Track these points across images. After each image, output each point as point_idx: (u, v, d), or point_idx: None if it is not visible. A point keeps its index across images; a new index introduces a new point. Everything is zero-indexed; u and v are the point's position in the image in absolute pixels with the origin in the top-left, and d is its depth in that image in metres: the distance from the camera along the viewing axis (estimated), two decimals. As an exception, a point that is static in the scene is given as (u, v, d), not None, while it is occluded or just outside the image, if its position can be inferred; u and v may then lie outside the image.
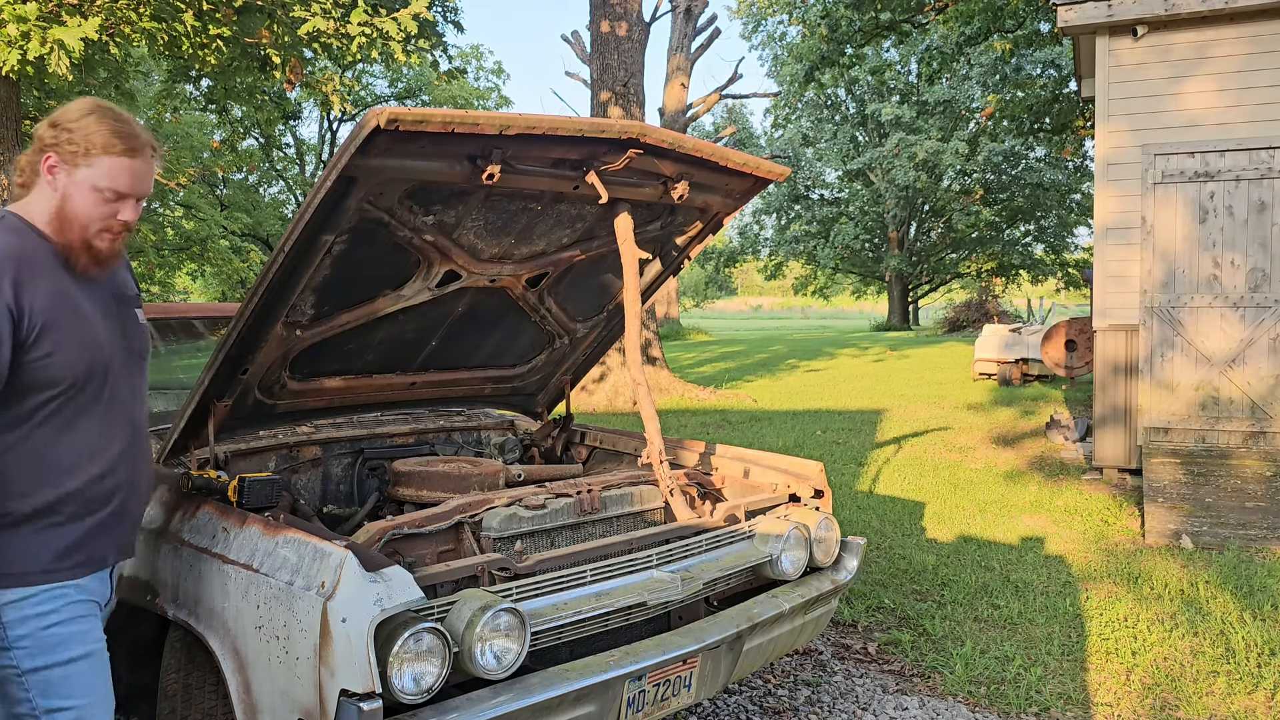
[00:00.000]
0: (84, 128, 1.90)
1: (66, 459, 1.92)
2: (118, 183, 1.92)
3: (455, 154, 2.41)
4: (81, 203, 1.91)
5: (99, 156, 1.90)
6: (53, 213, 1.92)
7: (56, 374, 1.87)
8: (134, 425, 2.07)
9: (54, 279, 1.90)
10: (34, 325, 1.83)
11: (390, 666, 2.01)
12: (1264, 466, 6.54)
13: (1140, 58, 7.16)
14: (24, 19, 5.98)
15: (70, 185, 1.91)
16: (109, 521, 2.00)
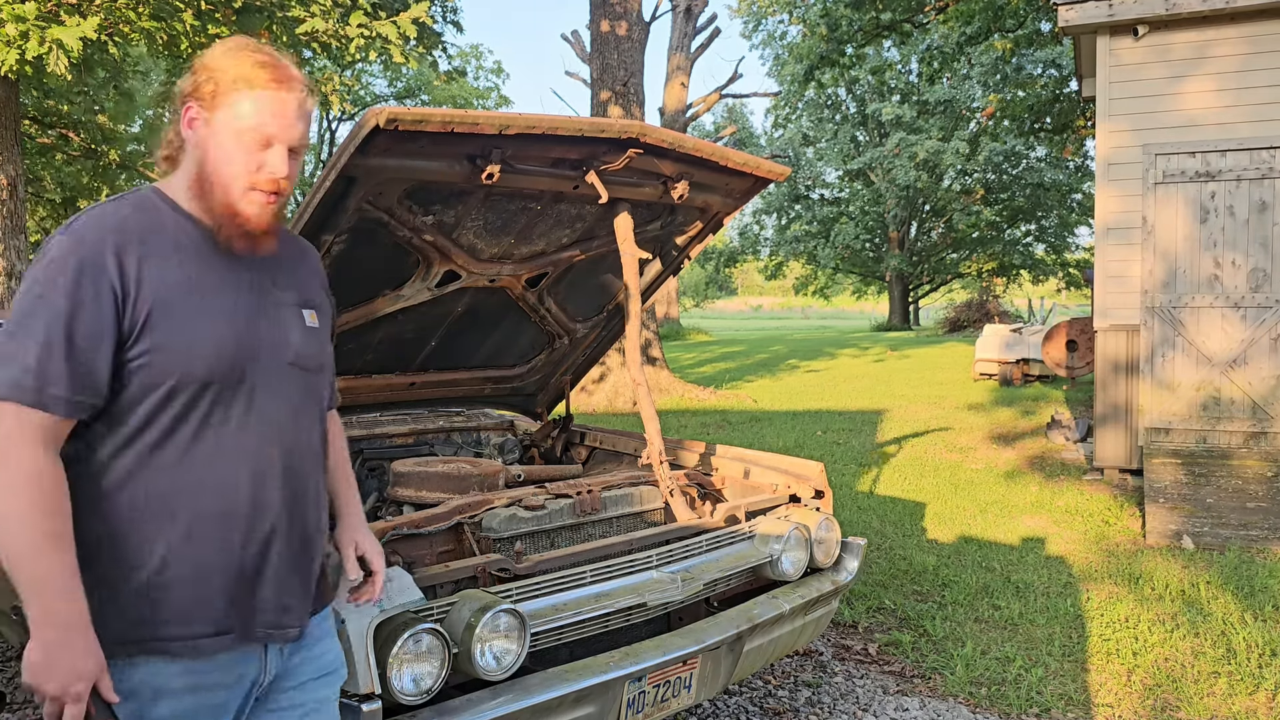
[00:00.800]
0: (220, 62, 1.53)
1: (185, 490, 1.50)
2: (261, 121, 1.51)
3: (455, 154, 2.40)
4: (221, 153, 1.52)
5: (238, 92, 1.51)
6: (193, 176, 1.55)
7: (158, 375, 1.46)
8: (287, 452, 1.60)
9: (182, 260, 1.52)
10: (141, 312, 1.46)
11: (390, 667, 2.00)
12: (1265, 467, 6.53)
13: (1141, 57, 7.16)
14: (23, 19, 5.97)
15: (209, 136, 1.52)
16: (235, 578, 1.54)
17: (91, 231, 1.47)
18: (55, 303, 1.41)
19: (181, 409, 1.49)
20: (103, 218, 1.50)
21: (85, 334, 1.42)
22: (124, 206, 1.54)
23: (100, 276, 1.44)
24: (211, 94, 1.52)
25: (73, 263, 1.43)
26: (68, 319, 1.41)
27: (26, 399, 1.39)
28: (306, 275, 1.76)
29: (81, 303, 1.42)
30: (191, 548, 1.49)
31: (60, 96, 13.25)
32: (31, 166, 14.68)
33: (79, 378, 1.42)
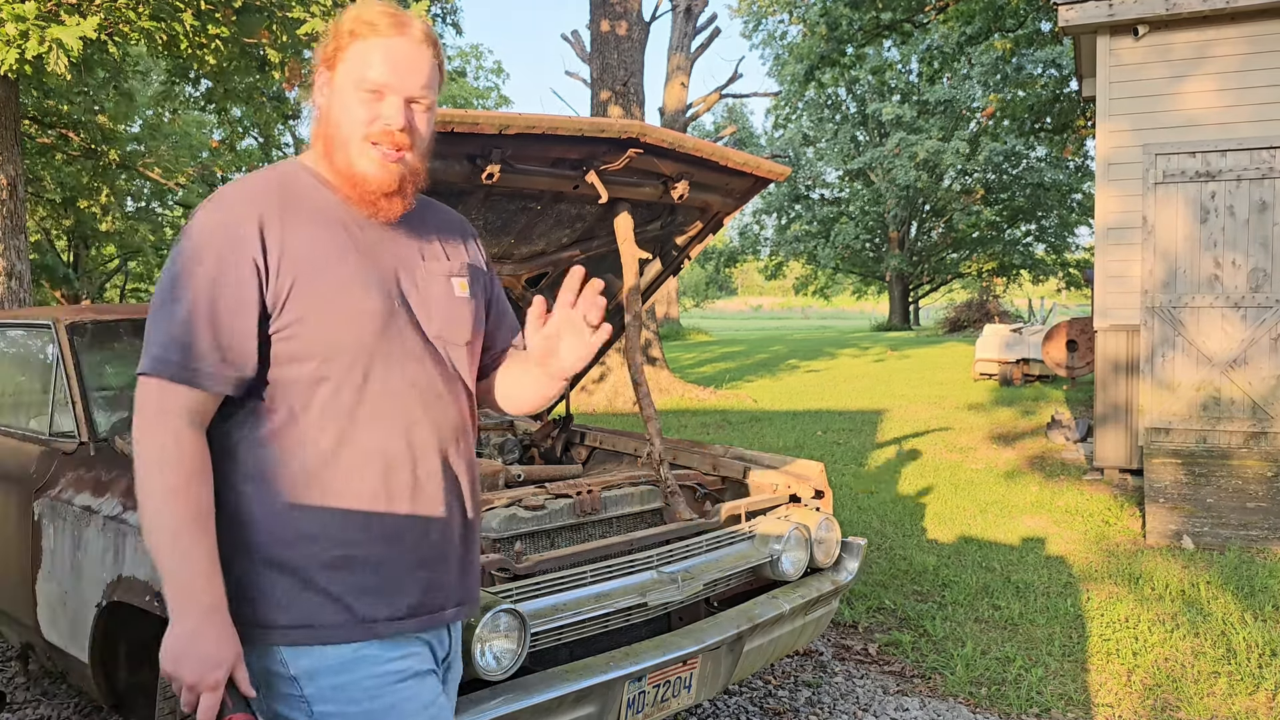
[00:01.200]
0: (339, 21, 1.48)
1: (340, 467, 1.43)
2: (373, 70, 1.43)
3: (455, 153, 2.40)
4: (338, 110, 1.46)
5: (350, 45, 1.45)
6: (325, 147, 1.49)
7: (305, 348, 1.40)
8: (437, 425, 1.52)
9: (324, 229, 1.45)
10: (285, 284, 1.40)
11: (389, 668, 2.00)
12: (1265, 467, 6.53)
13: (1141, 57, 7.15)
14: (22, 18, 5.97)
15: (332, 95, 1.47)
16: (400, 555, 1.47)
17: (233, 203, 1.43)
18: (197, 276, 1.37)
19: (331, 383, 1.42)
20: (244, 189, 1.46)
21: (229, 307, 1.37)
22: (267, 177, 1.49)
23: (242, 249, 1.39)
24: (332, 53, 1.47)
25: (214, 235, 1.39)
26: (211, 292, 1.37)
27: (171, 374, 1.35)
28: (457, 245, 1.67)
29: (224, 276, 1.37)
30: (353, 526, 1.42)
31: (60, 96, 13.25)
32: (31, 166, 14.69)
33: (225, 352, 1.37)
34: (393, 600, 1.44)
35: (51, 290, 18.77)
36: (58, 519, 2.92)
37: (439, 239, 1.62)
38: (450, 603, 1.53)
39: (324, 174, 1.51)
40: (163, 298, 1.39)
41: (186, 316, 1.36)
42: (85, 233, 18.86)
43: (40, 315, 3.53)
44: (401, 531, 1.45)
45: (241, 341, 1.38)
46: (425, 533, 1.48)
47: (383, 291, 1.47)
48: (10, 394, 3.69)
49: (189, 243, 1.40)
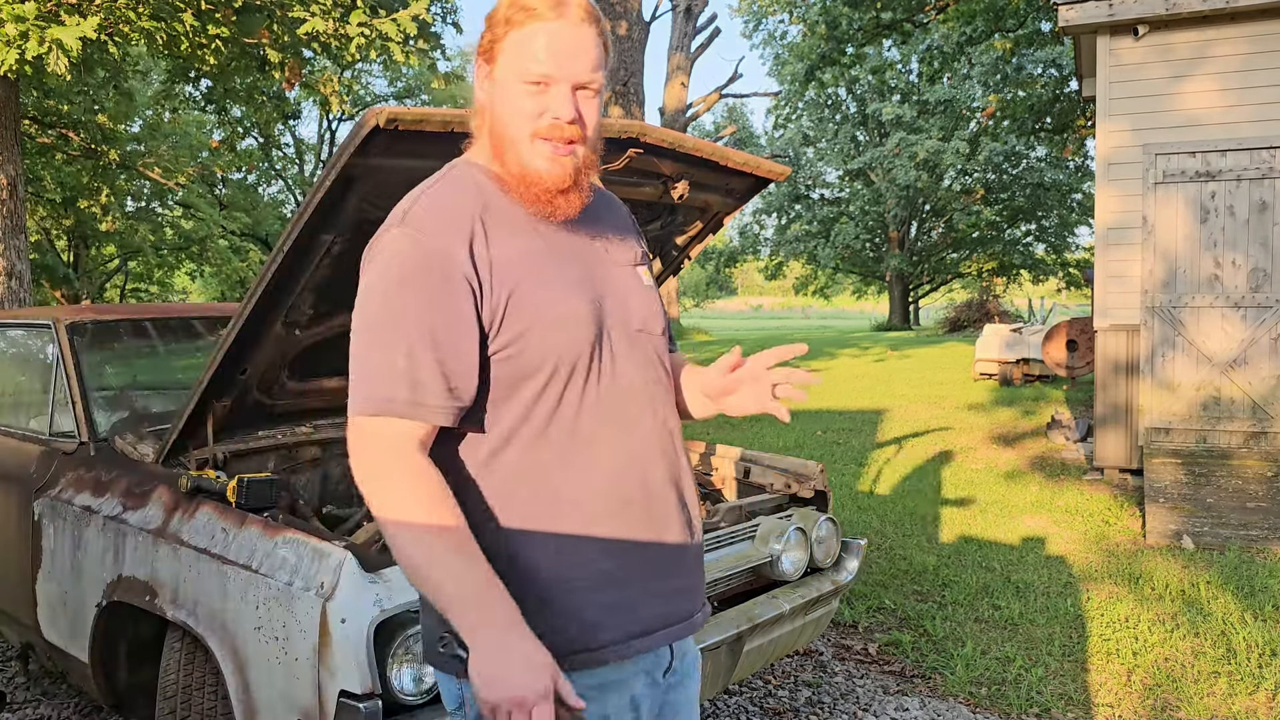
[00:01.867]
0: (496, 10, 1.36)
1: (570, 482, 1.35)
2: (534, 59, 1.32)
3: (454, 153, 2.39)
4: (503, 106, 1.35)
5: (508, 34, 1.33)
6: (495, 144, 1.39)
7: (523, 364, 1.32)
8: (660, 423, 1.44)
9: (519, 236, 1.36)
10: (500, 300, 1.31)
11: (390, 667, 2.01)
12: (1265, 467, 6.53)
13: (1141, 57, 7.15)
14: (22, 18, 5.97)
15: (495, 91, 1.37)
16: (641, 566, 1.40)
17: (433, 221, 1.31)
18: (409, 304, 1.27)
19: (551, 396, 1.33)
20: (439, 203, 1.34)
21: (449, 334, 1.28)
22: (456, 186, 1.38)
23: (453, 269, 1.29)
24: (489, 44, 1.36)
25: (420, 258, 1.28)
26: (428, 320, 1.27)
27: (397, 411, 1.27)
28: (628, 232, 1.55)
29: (438, 301, 1.28)
30: (593, 543, 1.34)
31: (60, 96, 13.25)
32: (31, 166, 14.69)
33: (450, 379, 1.28)
34: (634, 615, 1.37)
35: (51, 290, 18.77)
36: (58, 519, 2.92)
37: (613, 229, 1.52)
38: (696, 607, 1.48)
39: (498, 174, 1.41)
40: (372, 332, 1.29)
41: (405, 349, 1.27)
42: (85, 233, 18.86)
43: (40, 315, 3.53)
44: (640, 542, 1.38)
45: (466, 368, 1.30)
46: (662, 540, 1.40)
47: (586, 293, 1.38)
48: (10, 394, 3.69)
49: (392, 270, 1.29)
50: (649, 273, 1.53)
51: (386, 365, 1.27)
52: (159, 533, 2.54)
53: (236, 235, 22.40)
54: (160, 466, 2.79)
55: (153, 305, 3.89)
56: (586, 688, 1.32)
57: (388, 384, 1.27)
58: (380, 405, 1.27)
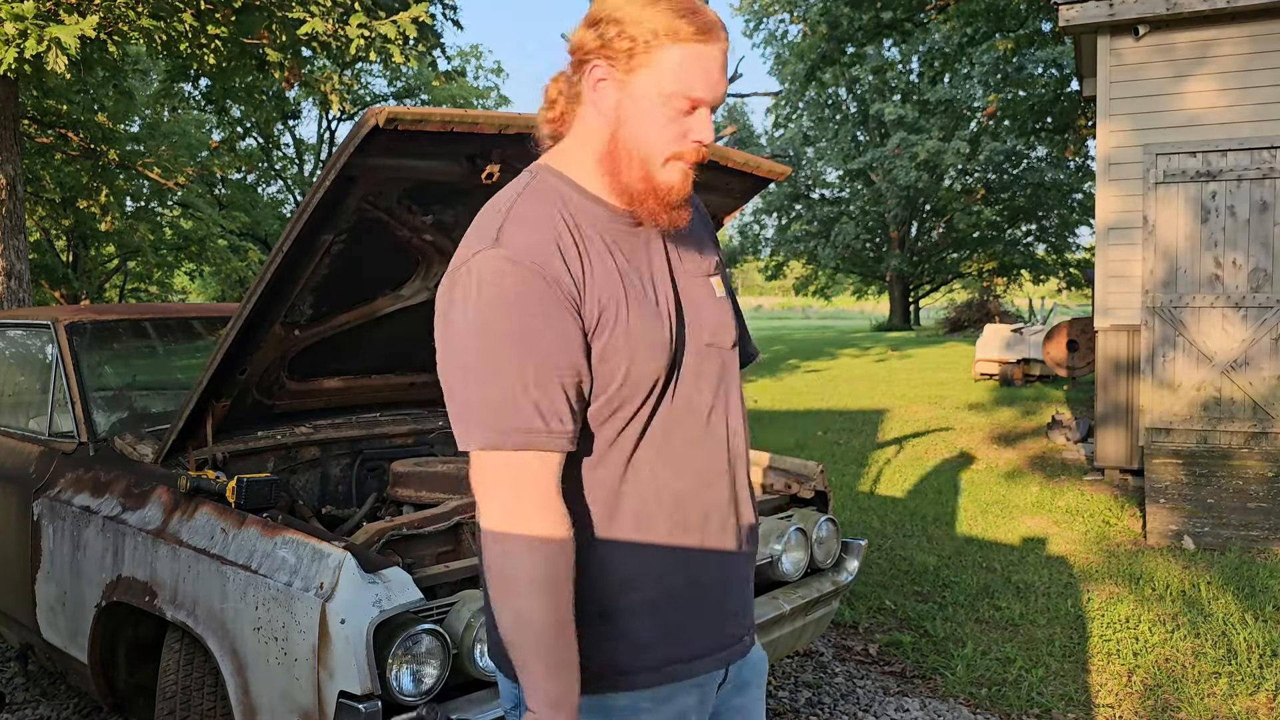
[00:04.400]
0: (633, 12, 1.26)
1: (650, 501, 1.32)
2: (690, 84, 1.26)
3: (454, 153, 2.39)
4: (642, 124, 1.28)
5: (662, 48, 1.26)
6: (602, 151, 1.31)
7: (611, 383, 1.28)
8: (728, 450, 1.40)
9: (607, 249, 1.31)
10: (593, 318, 1.26)
11: (389, 668, 2.00)
12: (1266, 467, 6.52)
13: (1142, 57, 7.15)
14: (21, 17, 5.97)
15: (626, 103, 1.28)
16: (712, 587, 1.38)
17: (530, 239, 1.24)
18: (521, 331, 1.20)
19: (634, 415, 1.30)
20: (532, 220, 1.27)
21: (562, 359, 1.22)
22: (544, 201, 1.30)
23: (558, 290, 1.23)
24: (627, 51, 1.26)
25: (523, 280, 1.21)
26: (540, 345, 1.21)
27: (539, 444, 1.21)
28: (704, 239, 1.47)
29: (550, 324, 1.21)
30: (657, 563, 1.32)
31: (59, 96, 13.25)
32: (31, 166, 14.69)
33: (571, 405, 1.23)
34: (696, 638, 1.35)
35: (51, 290, 18.77)
36: (57, 519, 2.92)
37: (691, 237, 1.44)
38: (746, 631, 1.44)
39: (588, 184, 1.33)
40: (486, 361, 1.21)
41: (531, 377, 1.20)
42: (84, 232, 18.86)
43: (40, 315, 3.53)
44: (711, 564, 1.37)
45: (580, 391, 1.25)
46: (728, 562, 1.39)
47: (665, 315, 1.33)
48: (10, 394, 3.69)
49: (492, 293, 1.21)
50: (722, 283, 1.47)
51: (513, 395, 1.20)
52: (158, 533, 2.53)
53: (236, 235, 22.39)
54: (159, 467, 2.78)
55: (152, 305, 3.89)
56: (641, 704, 1.31)
57: (521, 415, 1.20)
58: (521, 439, 1.20)
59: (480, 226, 1.28)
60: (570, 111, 1.34)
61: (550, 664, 1.20)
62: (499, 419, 1.20)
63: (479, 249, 1.25)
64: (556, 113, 1.35)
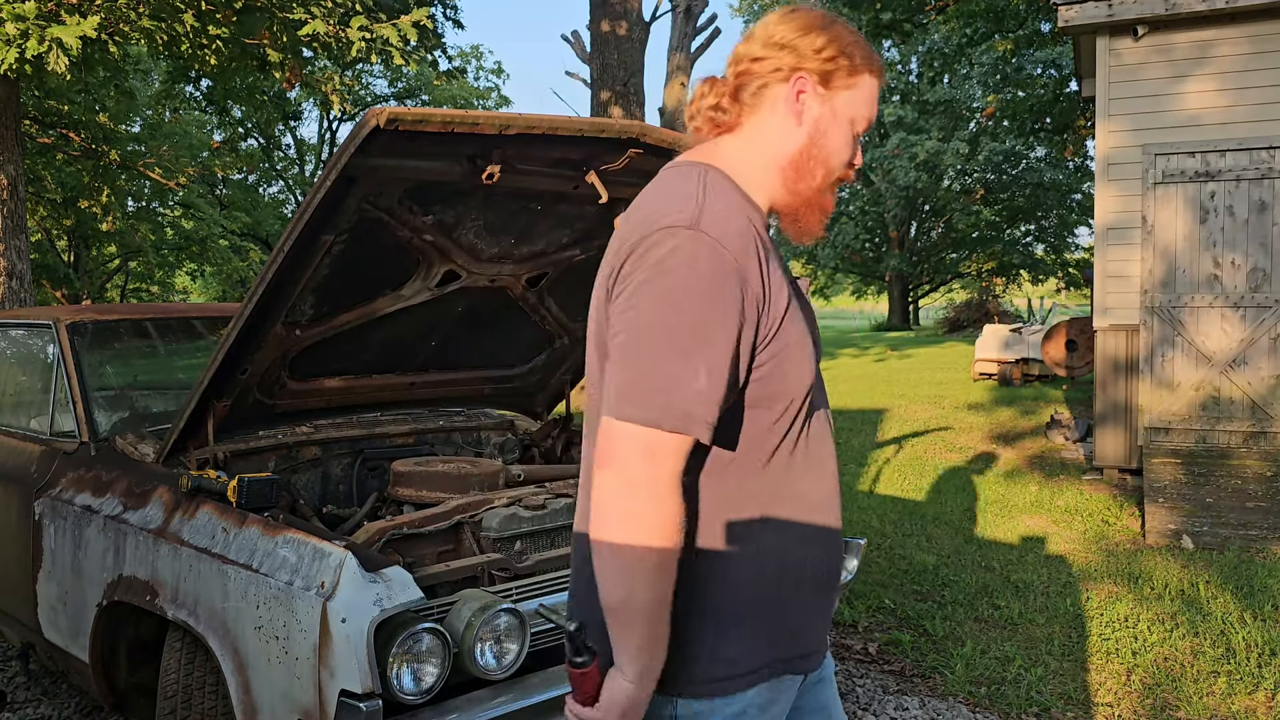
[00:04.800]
0: (838, 37, 1.35)
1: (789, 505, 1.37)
2: (869, 113, 1.38)
3: (455, 154, 2.40)
4: (834, 139, 1.36)
5: (861, 75, 1.36)
6: (788, 157, 1.36)
7: (778, 388, 1.30)
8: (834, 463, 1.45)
9: (774, 255, 1.34)
10: (774, 320, 1.29)
11: (390, 667, 2.01)
12: (1265, 466, 6.53)
13: (1141, 57, 7.16)
14: (23, 18, 5.98)
15: (826, 117, 1.35)
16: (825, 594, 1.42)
17: (730, 232, 1.26)
18: (710, 319, 1.22)
19: (793, 420, 1.33)
20: (730, 214, 1.28)
21: (734, 355, 1.24)
22: (733, 201, 1.31)
23: (748, 288, 1.24)
24: (831, 73, 1.35)
25: (721, 270, 1.22)
26: (724, 339, 1.22)
27: (695, 431, 1.22)
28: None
29: (733, 318, 1.23)
30: (813, 560, 1.36)
31: (61, 96, 13.26)
32: (32, 166, 14.70)
33: (720, 399, 1.23)
34: (810, 638, 1.40)
35: (52, 290, 18.78)
36: (58, 519, 2.93)
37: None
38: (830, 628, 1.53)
39: (748, 187, 1.36)
40: (670, 339, 1.21)
41: (706, 366, 1.21)
42: (86, 233, 18.87)
43: (41, 315, 3.54)
44: (833, 567, 1.41)
45: (733, 389, 1.26)
46: (839, 566, 1.45)
47: (811, 320, 1.39)
48: (11, 394, 3.69)
49: (693, 275, 1.22)
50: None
51: (687, 379, 1.21)
52: (159, 532, 2.54)
53: (237, 235, 22.41)
54: (161, 466, 2.79)
55: (153, 305, 3.90)
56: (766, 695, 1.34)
57: (686, 399, 1.21)
58: (679, 422, 1.21)
59: (668, 204, 1.28)
60: (746, 113, 1.38)
61: (650, 637, 1.24)
62: (665, 397, 1.20)
63: (676, 226, 1.24)
64: (729, 115, 1.39)
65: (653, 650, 1.25)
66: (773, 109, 1.36)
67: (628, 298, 1.25)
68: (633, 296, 1.24)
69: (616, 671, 1.25)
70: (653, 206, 1.29)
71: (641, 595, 1.22)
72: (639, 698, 1.25)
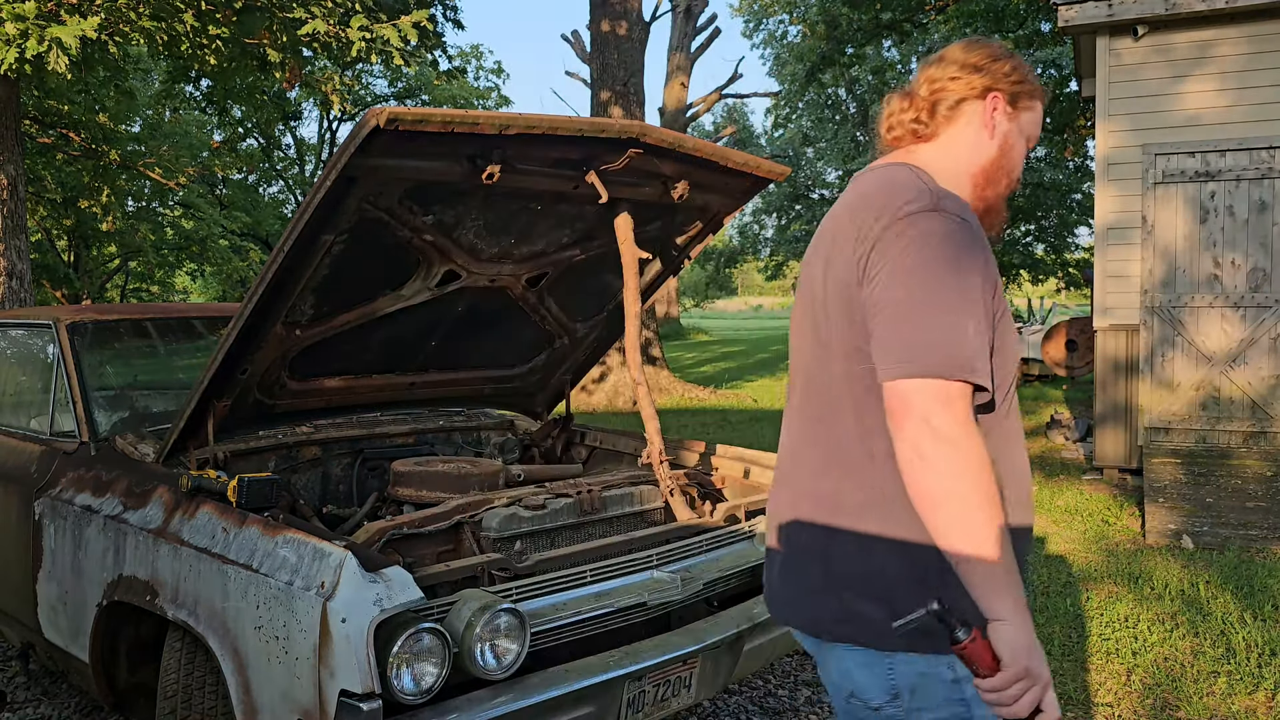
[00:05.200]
0: (1020, 65, 1.57)
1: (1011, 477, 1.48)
2: (1038, 134, 1.62)
3: (455, 154, 2.40)
4: (1016, 152, 1.59)
5: (1036, 99, 1.59)
6: (980, 166, 1.57)
7: (1001, 355, 1.45)
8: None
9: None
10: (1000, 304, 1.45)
11: (390, 667, 2.01)
12: (1264, 466, 6.53)
13: (1141, 57, 7.16)
14: (23, 18, 5.98)
15: (1013, 133, 1.58)
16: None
17: (964, 209, 1.44)
18: (972, 280, 1.36)
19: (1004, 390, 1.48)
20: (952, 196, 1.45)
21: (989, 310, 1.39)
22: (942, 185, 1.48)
23: (988, 253, 1.42)
24: (1016, 92, 1.56)
25: (974, 240, 1.39)
26: (983, 300, 1.37)
27: (978, 379, 1.33)
28: None
29: (989, 284, 1.39)
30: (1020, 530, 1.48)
31: (61, 96, 13.26)
32: (32, 166, 14.70)
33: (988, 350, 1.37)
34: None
35: (52, 290, 18.79)
36: (58, 519, 2.93)
37: None
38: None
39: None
40: (942, 295, 1.34)
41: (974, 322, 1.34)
42: (86, 232, 18.87)
43: (41, 315, 3.54)
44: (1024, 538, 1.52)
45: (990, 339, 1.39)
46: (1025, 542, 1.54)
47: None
48: (11, 394, 3.69)
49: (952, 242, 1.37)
50: None
51: (961, 332, 1.33)
52: (159, 532, 2.54)
53: (237, 235, 22.40)
54: (161, 466, 2.79)
55: (153, 305, 3.90)
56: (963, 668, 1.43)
57: (969, 351, 1.33)
58: (964, 371, 1.32)
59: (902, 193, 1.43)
60: (941, 124, 1.57)
61: (1009, 568, 1.30)
62: (946, 350, 1.32)
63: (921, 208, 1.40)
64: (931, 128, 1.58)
65: (1015, 579, 1.31)
66: (968, 122, 1.56)
67: (891, 273, 1.37)
68: (896, 271, 1.37)
69: (995, 623, 1.29)
70: (885, 196, 1.45)
71: (986, 529, 1.29)
72: (1028, 630, 1.30)
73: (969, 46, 1.58)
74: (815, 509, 1.50)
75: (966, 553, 1.29)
